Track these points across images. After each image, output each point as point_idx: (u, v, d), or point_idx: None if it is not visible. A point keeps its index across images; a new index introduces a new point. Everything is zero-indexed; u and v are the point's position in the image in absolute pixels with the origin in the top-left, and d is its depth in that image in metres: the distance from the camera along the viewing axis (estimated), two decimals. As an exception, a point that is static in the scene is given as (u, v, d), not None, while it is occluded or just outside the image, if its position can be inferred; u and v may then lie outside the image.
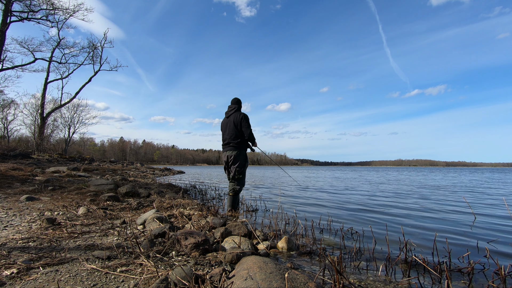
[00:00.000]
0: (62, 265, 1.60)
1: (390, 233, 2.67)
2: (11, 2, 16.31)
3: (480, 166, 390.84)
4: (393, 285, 1.57)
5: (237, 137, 3.73)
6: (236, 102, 3.93)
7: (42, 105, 20.55)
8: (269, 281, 1.29)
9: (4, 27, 16.13)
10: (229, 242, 2.11)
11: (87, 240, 2.16)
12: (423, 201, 5.19)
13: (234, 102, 3.93)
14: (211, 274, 1.45)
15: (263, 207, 4.36)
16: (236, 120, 3.72)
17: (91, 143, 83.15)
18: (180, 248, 1.90)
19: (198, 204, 3.89)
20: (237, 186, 3.76)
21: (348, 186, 8.84)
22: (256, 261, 1.49)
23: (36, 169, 8.61)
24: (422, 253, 2.12)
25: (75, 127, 26.11)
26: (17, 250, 1.83)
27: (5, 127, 25.04)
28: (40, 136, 19.91)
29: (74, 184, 5.91)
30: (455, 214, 3.84)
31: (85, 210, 3.19)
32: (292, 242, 2.20)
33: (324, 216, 3.61)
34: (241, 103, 3.98)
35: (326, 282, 1.52)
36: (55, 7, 18.09)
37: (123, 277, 1.46)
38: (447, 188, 8.27)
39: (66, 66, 21.99)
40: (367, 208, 4.38)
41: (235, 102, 3.93)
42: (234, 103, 3.92)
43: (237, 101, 3.94)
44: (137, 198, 4.56)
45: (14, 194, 4.31)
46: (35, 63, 19.21)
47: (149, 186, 6.85)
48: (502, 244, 2.40)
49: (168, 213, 3.16)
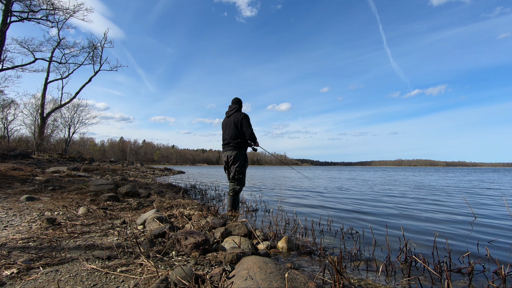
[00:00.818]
0: (62, 265, 1.60)
1: (390, 233, 2.67)
2: (11, 2, 16.31)
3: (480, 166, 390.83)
4: (393, 285, 1.57)
5: (237, 137, 3.73)
6: (237, 102, 3.91)
7: (42, 105, 20.55)
8: (269, 281, 1.29)
9: (4, 27, 16.14)
10: (229, 242, 2.11)
11: (87, 240, 2.16)
12: (423, 201, 5.19)
13: (235, 102, 3.92)
14: (211, 274, 1.45)
15: (263, 207, 4.36)
16: (237, 120, 3.72)
17: (91, 143, 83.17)
18: (180, 248, 1.90)
19: (198, 204, 3.88)
20: (237, 186, 3.75)
21: (342, 187, 8.83)
22: (256, 261, 1.49)
23: (36, 169, 8.62)
24: (422, 253, 2.12)
25: (75, 127, 26.14)
26: (17, 250, 1.83)
27: (5, 127, 25.07)
28: (40, 136, 19.91)
29: (74, 184, 5.91)
30: (455, 214, 3.84)
31: (85, 210, 3.19)
32: (292, 242, 2.20)
33: (324, 216, 3.61)
34: (242, 103, 3.96)
35: (326, 282, 1.52)
36: (55, 7, 18.10)
37: (123, 277, 1.46)
38: (447, 188, 8.27)
39: (66, 66, 22.03)
40: (367, 208, 4.38)
41: (236, 102, 3.92)
42: (235, 103, 3.91)
43: (238, 101, 3.92)
44: (137, 198, 4.56)
45: (14, 194, 4.32)
46: (35, 63, 19.23)
47: (149, 186, 6.85)
48: (502, 244, 2.40)
49: (168, 213, 3.16)
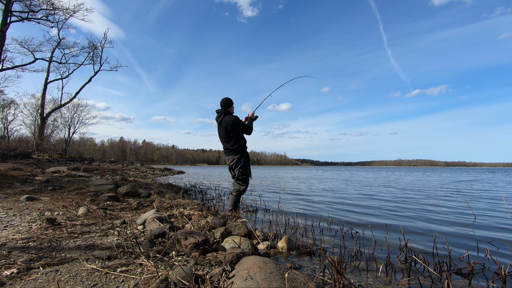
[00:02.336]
0: (62, 265, 1.60)
1: (390, 233, 2.67)
2: (11, 2, 16.31)
3: (480, 166, 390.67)
4: (393, 285, 1.57)
5: (234, 143, 3.73)
6: (224, 104, 3.75)
7: (42, 105, 20.56)
8: (269, 281, 1.29)
9: (4, 27, 16.14)
10: (229, 242, 2.11)
11: (87, 240, 2.16)
12: (422, 201, 5.19)
13: (222, 104, 3.77)
14: (211, 274, 1.45)
15: (263, 207, 4.36)
16: (228, 127, 3.66)
17: (91, 143, 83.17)
18: (180, 248, 1.90)
19: (198, 204, 3.88)
20: (241, 186, 3.79)
21: (342, 187, 8.83)
22: (256, 261, 1.49)
23: (36, 169, 8.61)
24: (422, 253, 2.12)
25: (75, 127, 26.16)
26: (17, 250, 1.83)
27: (5, 127, 25.06)
28: (40, 136, 19.92)
29: (74, 184, 5.91)
30: (455, 214, 3.84)
31: (85, 210, 3.19)
32: (292, 242, 2.20)
33: (324, 216, 3.61)
34: (230, 103, 3.79)
35: (326, 282, 1.52)
36: (55, 7, 18.11)
37: (123, 277, 1.46)
38: (447, 188, 8.27)
39: (66, 66, 22.06)
40: (367, 208, 4.38)
41: (223, 104, 3.76)
42: (222, 105, 3.77)
43: (224, 103, 3.75)
44: (137, 198, 4.56)
45: (14, 194, 4.31)
46: (35, 63, 19.26)
47: (149, 186, 6.85)
48: (502, 244, 2.40)
49: (168, 213, 3.16)
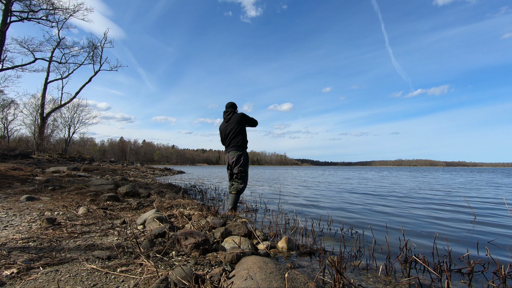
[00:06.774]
0: (62, 265, 1.60)
1: (390, 233, 2.67)
2: (11, 2, 16.31)
3: (480, 166, 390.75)
4: (393, 285, 1.57)
5: (240, 138, 3.87)
6: (231, 105, 4.08)
7: (42, 105, 20.54)
8: (269, 281, 1.29)
9: (4, 27, 16.13)
10: (229, 242, 2.11)
11: (87, 240, 2.16)
12: (422, 201, 5.19)
13: (229, 106, 4.08)
14: (211, 274, 1.45)
15: (263, 207, 4.36)
16: (237, 120, 3.87)
17: (91, 143, 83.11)
18: (180, 248, 1.90)
19: (198, 204, 3.88)
20: (240, 185, 3.85)
21: (341, 187, 8.83)
22: (256, 261, 1.49)
23: (36, 169, 8.62)
24: (422, 253, 2.12)
25: (75, 127, 26.13)
26: (17, 250, 1.83)
27: (5, 127, 25.07)
28: (40, 136, 19.90)
29: (74, 184, 5.91)
30: (455, 214, 3.84)
31: (85, 210, 3.19)
32: (292, 242, 2.20)
33: (324, 216, 3.61)
34: (236, 106, 4.13)
35: (326, 282, 1.52)
36: (55, 7, 18.10)
37: (123, 277, 1.46)
38: (447, 188, 8.27)
39: (66, 66, 22.04)
40: (367, 208, 4.38)
41: (230, 106, 4.08)
42: (229, 107, 4.08)
43: (232, 105, 4.09)
44: (137, 198, 4.56)
45: (14, 194, 4.31)
46: (35, 63, 19.25)
47: (149, 186, 6.85)
48: (502, 244, 2.40)
49: (168, 213, 3.16)
